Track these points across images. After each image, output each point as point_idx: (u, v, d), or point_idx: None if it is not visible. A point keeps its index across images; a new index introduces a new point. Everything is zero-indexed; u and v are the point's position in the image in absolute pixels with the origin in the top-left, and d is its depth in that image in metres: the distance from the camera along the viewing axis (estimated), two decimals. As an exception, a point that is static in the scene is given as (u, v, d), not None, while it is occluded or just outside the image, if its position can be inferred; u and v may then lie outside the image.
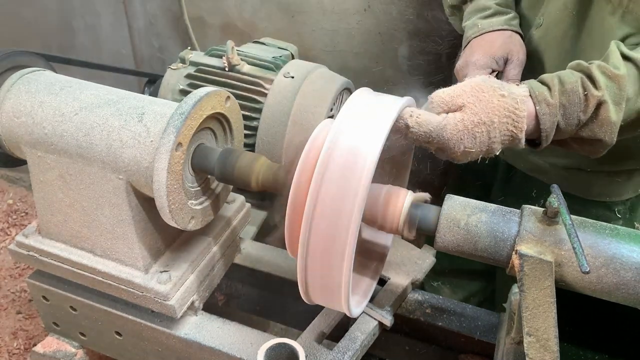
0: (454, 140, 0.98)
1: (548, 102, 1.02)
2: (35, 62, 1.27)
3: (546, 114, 1.02)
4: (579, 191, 1.45)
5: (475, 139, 0.99)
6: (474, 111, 0.99)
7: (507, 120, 1.00)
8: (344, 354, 1.12)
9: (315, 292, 0.94)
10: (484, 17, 1.31)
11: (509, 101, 1.00)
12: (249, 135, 1.39)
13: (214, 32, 2.34)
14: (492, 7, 1.31)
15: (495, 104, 0.99)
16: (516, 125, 1.00)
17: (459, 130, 0.98)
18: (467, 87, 1.02)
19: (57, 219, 1.17)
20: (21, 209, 2.55)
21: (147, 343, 1.25)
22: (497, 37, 1.26)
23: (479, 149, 1.00)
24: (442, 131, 0.98)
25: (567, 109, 1.03)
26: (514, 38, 1.27)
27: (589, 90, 1.03)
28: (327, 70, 1.49)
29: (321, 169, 0.86)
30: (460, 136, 0.98)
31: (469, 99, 1.00)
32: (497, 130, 1.00)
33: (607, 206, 1.47)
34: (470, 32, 1.31)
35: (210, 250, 1.24)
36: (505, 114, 0.99)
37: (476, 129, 0.98)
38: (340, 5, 2.08)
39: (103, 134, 1.06)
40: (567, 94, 1.03)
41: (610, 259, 0.87)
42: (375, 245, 1.21)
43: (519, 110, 1.00)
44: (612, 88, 1.03)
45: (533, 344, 0.87)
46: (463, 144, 0.99)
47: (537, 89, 1.04)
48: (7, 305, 2.13)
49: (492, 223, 0.94)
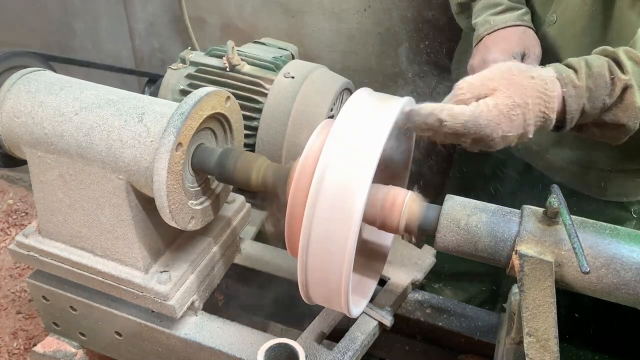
0: (491, 126, 0.96)
1: (575, 85, 1.01)
2: (35, 62, 1.27)
3: (573, 96, 1.01)
4: (595, 192, 1.44)
5: (512, 122, 0.97)
6: (507, 94, 0.97)
7: (540, 102, 0.99)
8: (344, 354, 1.12)
9: (315, 292, 0.94)
10: (495, 13, 1.30)
11: (539, 82, 0.99)
12: (249, 136, 1.39)
13: (214, 32, 2.34)
14: (503, 2, 1.30)
15: (527, 85, 0.98)
16: (548, 106, 0.99)
17: (495, 115, 0.96)
18: (496, 71, 1.00)
19: (57, 219, 1.17)
20: (21, 209, 2.55)
21: (147, 343, 1.25)
22: (512, 33, 1.25)
23: (516, 133, 0.98)
24: (478, 119, 0.95)
25: (594, 92, 1.02)
26: (528, 33, 1.27)
27: (615, 74, 1.02)
28: (327, 70, 1.49)
29: (322, 169, 0.86)
30: (497, 121, 0.96)
31: (500, 83, 0.98)
32: (532, 112, 0.98)
33: (623, 206, 1.46)
34: (482, 29, 1.30)
35: (210, 250, 1.24)
36: (537, 94, 0.98)
37: (512, 112, 0.97)
38: (340, 5, 2.08)
39: (103, 134, 1.06)
40: (593, 77, 1.02)
41: (611, 259, 0.87)
42: (375, 245, 1.21)
43: (550, 91, 0.99)
44: (639, 73, 1.02)
45: (533, 344, 0.87)
46: (501, 129, 0.97)
47: (563, 71, 1.03)
48: (7, 305, 2.12)
49: (492, 223, 0.94)
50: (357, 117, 0.91)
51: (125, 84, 2.13)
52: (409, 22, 2.07)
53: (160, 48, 2.50)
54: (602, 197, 1.45)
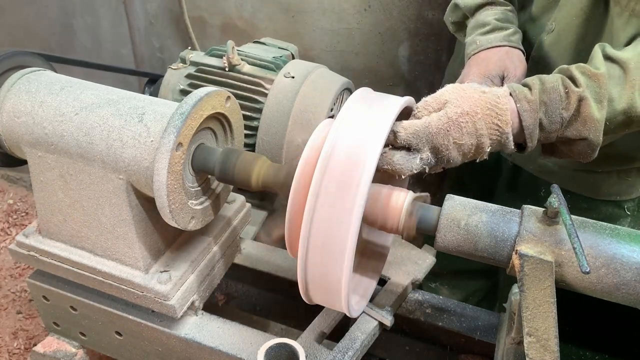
0: (442, 134, 0.99)
1: (528, 99, 1.04)
2: (36, 62, 1.27)
3: (527, 111, 1.04)
4: (588, 191, 1.45)
5: (462, 128, 1.00)
6: (456, 104, 1.01)
7: (491, 113, 1.01)
8: (344, 354, 1.12)
9: (315, 292, 0.94)
10: (482, 33, 1.31)
11: (490, 96, 1.02)
12: (249, 135, 1.39)
13: (214, 32, 2.34)
14: (491, 22, 1.31)
15: (477, 97, 1.02)
16: (500, 118, 1.02)
17: (445, 123, 0.99)
18: (448, 88, 1.04)
19: (57, 219, 1.17)
20: (21, 209, 2.55)
21: (147, 343, 1.25)
22: (493, 55, 1.26)
23: (468, 141, 1.01)
24: (428, 127, 0.99)
25: (549, 106, 1.05)
26: (511, 54, 1.26)
27: (569, 87, 1.05)
28: (327, 70, 1.49)
29: (321, 169, 0.86)
30: (447, 127, 0.99)
31: (451, 96, 1.02)
32: (482, 121, 1.01)
33: (617, 204, 1.47)
34: (470, 48, 1.31)
35: (211, 250, 1.24)
36: (488, 106, 1.01)
37: (460, 119, 1.00)
38: (340, 5, 2.08)
39: (103, 134, 1.06)
40: (547, 92, 1.05)
41: (611, 259, 0.87)
42: (375, 245, 1.21)
43: (501, 104, 1.02)
44: (592, 86, 1.05)
45: (533, 344, 0.87)
46: (451, 135, 1.00)
47: (517, 88, 1.06)
48: (7, 305, 2.13)
49: (493, 223, 0.94)
50: (357, 117, 0.91)
51: (125, 84, 2.13)
52: (409, 22, 2.07)
53: (160, 48, 2.50)
54: (595, 197, 1.46)
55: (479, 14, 1.35)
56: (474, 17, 1.36)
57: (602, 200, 1.46)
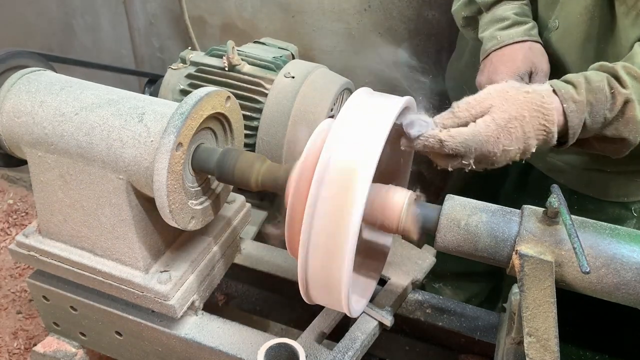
0: (491, 142, 0.97)
1: (575, 100, 1.02)
2: (35, 62, 1.27)
3: (574, 111, 1.02)
4: (596, 192, 1.44)
5: (511, 134, 0.98)
6: (503, 109, 0.98)
7: (538, 114, 0.99)
8: (344, 354, 1.12)
9: (316, 292, 0.94)
10: (502, 28, 1.29)
11: (535, 96, 1.00)
12: (249, 135, 1.39)
13: (214, 32, 2.34)
14: (510, 17, 1.29)
15: (522, 99, 0.99)
16: (547, 119, 1.00)
17: (494, 130, 0.97)
18: (491, 90, 1.01)
19: (57, 219, 1.17)
20: (21, 209, 2.55)
21: (147, 343, 1.25)
22: (518, 51, 1.25)
23: (516, 146, 0.99)
24: (477, 136, 0.96)
25: (594, 106, 1.03)
26: (534, 49, 1.26)
27: (615, 88, 1.03)
28: (327, 70, 1.49)
29: (322, 169, 0.86)
30: (496, 135, 0.97)
31: (496, 100, 0.99)
32: (530, 124, 0.99)
33: (624, 205, 1.46)
34: (489, 44, 1.29)
35: (211, 250, 1.24)
36: (534, 107, 0.99)
37: (509, 125, 0.97)
38: (340, 5, 2.08)
39: (103, 134, 1.06)
40: (594, 92, 1.03)
41: (611, 259, 0.87)
42: (376, 245, 1.21)
43: (547, 104, 1.00)
44: (638, 88, 1.04)
45: (533, 344, 0.87)
46: (501, 142, 0.98)
47: (562, 87, 1.04)
48: (7, 305, 2.12)
49: (493, 223, 0.94)
50: (357, 117, 0.91)
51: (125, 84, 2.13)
52: (409, 22, 2.07)
53: (160, 48, 2.50)
54: (603, 198, 1.45)
55: (496, 8, 1.33)
56: (490, 11, 1.34)
57: (609, 202, 1.45)
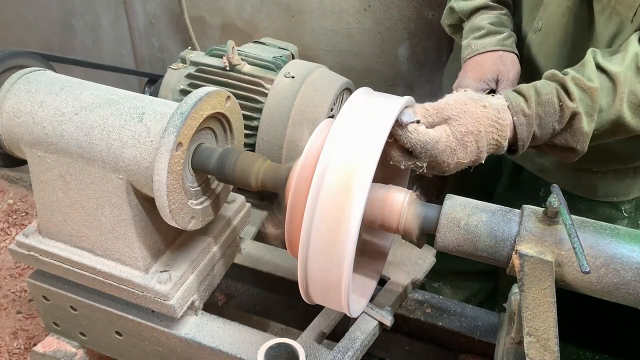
0: (448, 152, 1.00)
1: (525, 113, 1.05)
2: (35, 62, 1.27)
3: (523, 125, 1.05)
4: (585, 192, 1.46)
5: (467, 148, 1.01)
6: (461, 122, 1.01)
7: (492, 130, 1.03)
8: (344, 354, 1.12)
9: (316, 292, 0.94)
10: (477, 37, 1.32)
11: (491, 111, 1.03)
12: (249, 135, 1.39)
13: (214, 32, 2.34)
14: (485, 27, 1.32)
15: (479, 114, 1.02)
16: (500, 134, 1.04)
17: (453, 142, 1.00)
18: (450, 100, 1.04)
19: (57, 219, 1.17)
20: (21, 209, 2.56)
21: (147, 343, 1.25)
22: (487, 59, 1.28)
23: (469, 159, 1.03)
24: (437, 143, 0.99)
25: (543, 119, 1.06)
26: (505, 57, 1.28)
27: (564, 101, 1.06)
28: (327, 70, 1.49)
29: (321, 169, 0.86)
30: (454, 147, 1.00)
31: (454, 112, 1.02)
32: (484, 139, 1.02)
33: (614, 205, 1.48)
34: (465, 52, 1.33)
35: (211, 250, 1.24)
36: (490, 123, 1.02)
37: (466, 139, 1.01)
38: (340, 5, 2.08)
39: (103, 134, 1.06)
40: (543, 105, 1.06)
41: (611, 259, 0.87)
42: (375, 245, 1.21)
43: (502, 120, 1.03)
44: (585, 100, 1.07)
45: (533, 344, 0.87)
46: (456, 155, 1.01)
47: (514, 100, 1.06)
48: (7, 305, 2.13)
49: (493, 223, 0.94)
50: (357, 116, 0.91)
51: (125, 84, 2.13)
52: (409, 22, 2.07)
53: (160, 48, 2.50)
54: (592, 198, 1.47)
55: (474, 17, 1.36)
56: (470, 20, 1.37)
57: (600, 202, 1.47)
